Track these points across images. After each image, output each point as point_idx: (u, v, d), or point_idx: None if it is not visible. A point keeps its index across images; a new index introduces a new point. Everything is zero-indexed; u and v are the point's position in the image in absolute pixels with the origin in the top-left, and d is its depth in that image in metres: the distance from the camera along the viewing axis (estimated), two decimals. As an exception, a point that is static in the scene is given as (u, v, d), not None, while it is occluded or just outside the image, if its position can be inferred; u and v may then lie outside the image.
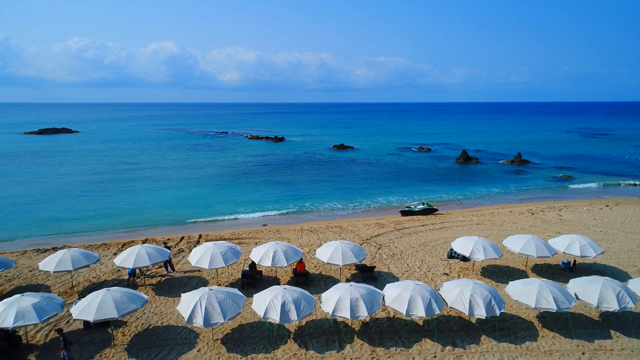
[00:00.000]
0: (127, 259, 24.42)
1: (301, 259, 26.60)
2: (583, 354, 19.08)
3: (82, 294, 24.81)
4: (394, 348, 19.53)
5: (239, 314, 19.75)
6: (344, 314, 19.21)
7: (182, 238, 35.80)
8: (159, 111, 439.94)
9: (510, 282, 22.16)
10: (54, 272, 23.55)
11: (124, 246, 33.91)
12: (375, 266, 27.81)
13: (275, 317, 18.86)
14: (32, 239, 38.12)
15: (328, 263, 25.13)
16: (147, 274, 27.57)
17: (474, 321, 21.72)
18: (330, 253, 25.38)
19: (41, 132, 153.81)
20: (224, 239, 35.17)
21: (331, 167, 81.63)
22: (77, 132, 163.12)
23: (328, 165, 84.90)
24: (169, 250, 26.80)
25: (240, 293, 20.73)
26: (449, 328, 21.14)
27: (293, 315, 19.00)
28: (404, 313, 19.30)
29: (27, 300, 18.73)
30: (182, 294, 20.68)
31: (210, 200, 53.14)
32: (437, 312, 19.49)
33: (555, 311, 19.70)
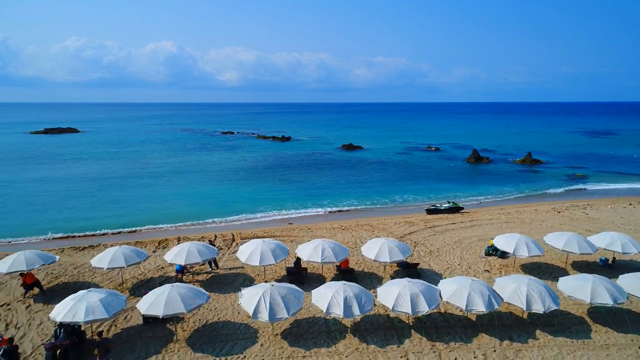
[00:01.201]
0: (178, 255, 24.69)
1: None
2: (639, 348, 19.45)
3: (132, 290, 25.10)
4: (453, 342, 19.86)
5: (301, 309, 20.05)
6: (405, 309, 19.49)
7: (216, 237, 36.05)
8: (160, 111, 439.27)
9: (561, 279, 22.53)
10: (108, 268, 23.78)
11: (159, 244, 34.17)
12: (418, 263, 28.14)
13: (338, 313, 19.17)
14: (66, 237, 38.33)
15: (375, 260, 25.43)
16: (191, 270, 27.82)
17: (525, 317, 22.06)
18: (377, 250, 25.70)
19: (47, 131, 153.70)
20: (258, 237, 35.44)
21: (344, 167, 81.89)
22: (81, 131, 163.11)
23: (340, 164, 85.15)
24: (216, 248, 27.07)
25: (299, 289, 21.02)
26: (502, 323, 21.47)
27: (356, 310, 19.31)
28: (464, 308, 19.62)
29: (94, 296, 19.00)
30: (243, 290, 20.96)
31: (229, 199, 53.36)
32: (496, 307, 19.83)
33: (610, 306, 20.06)
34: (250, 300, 19.63)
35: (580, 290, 20.84)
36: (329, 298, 19.64)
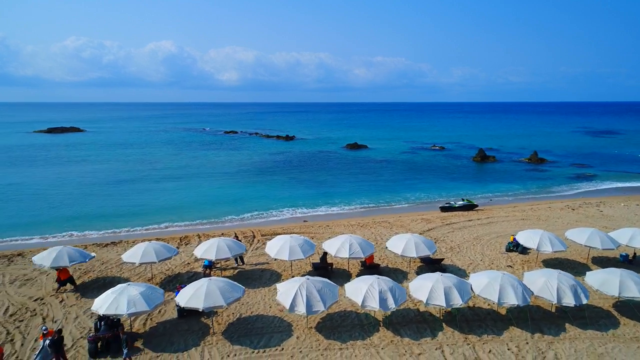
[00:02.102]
0: (208, 250, 25.02)
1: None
2: (670, 340, 19.82)
3: (162, 286, 25.40)
4: (485, 335, 20.20)
5: (336, 302, 20.39)
6: (439, 302, 19.83)
7: (236, 234, 36.32)
8: (161, 111, 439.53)
9: (589, 273, 22.93)
10: (140, 263, 24.07)
11: (181, 240, 34.49)
12: (443, 258, 28.51)
13: (374, 305, 19.51)
14: (86, 234, 38.69)
15: (402, 255, 25.77)
16: (217, 266, 28.13)
17: (553, 310, 22.42)
18: (404, 246, 26.04)
19: (50, 130, 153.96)
20: (277, 234, 35.80)
21: (351, 165, 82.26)
22: (84, 130, 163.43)
23: (347, 163, 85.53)
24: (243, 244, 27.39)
25: (333, 283, 21.35)
26: (531, 316, 21.81)
27: (391, 304, 19.65)
28: (496, 301, 19.96)
29: (134, 289, 19.31)
30: (278, 285, 21.33)
31: (241, 197, 53.58)
32: (528, 300, 20.16)
33: (639, 299, 20.44)
34: (286, 294, 19.96)
35: (609, 284, 21.21)
36: (364, 291, 19.97)
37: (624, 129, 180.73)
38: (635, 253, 29.26)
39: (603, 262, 29.06)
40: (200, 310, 18.99)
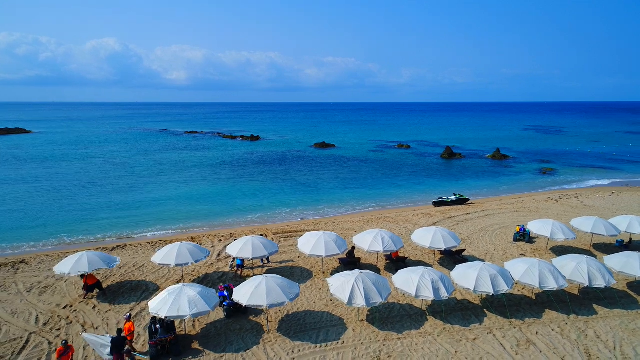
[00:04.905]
0: (243, 249, 24.68)
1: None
2: (686, 314, 21.91)
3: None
4: (527, 318, 21.43)
5: (390, 294, 20.88)
6: (487, 289, 20.81)
7: (231, 234, 35.83)
8: (111, 111, 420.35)
9: (606, 257, 24.82)
10: (176, 265, 23.37)
11: (193, 240, 33.60)
12: (465, 249, 29.69)
13: (428, 295, 20.16)
14: (83, 239, 36.79)
15: (430, 247, 26.63)
16: (245, 266, 27.78)
17: (576, 293, 24.09)
18: (431, 238, 26.91)
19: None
20: (287, 232, 35.79)
21: (326, 165, 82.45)
22: (32, 132, 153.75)
23: (321, 163, 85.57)
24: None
25: (381, 275, 21.80)
26: (560, 299, 23.33)
27: (443, 293, 20.39)
28: (538, 286, 21.22)
29: (191, 290, 18.85)
30: (328, 280, 21.50)
31: (224, 199, 51.93)
32: (564, 284, 21.56)
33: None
34: (342, 288, 20.19)
35: (630, 265, 23.10)
36: (417, 282, 20.58)
37: (568, 126, 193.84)
38: (631, 238, 31.86)
39: (603, 247, 31.43)
40: (266, 307, 18.78)
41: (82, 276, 23.26)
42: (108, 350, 16.90)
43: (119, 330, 17.45)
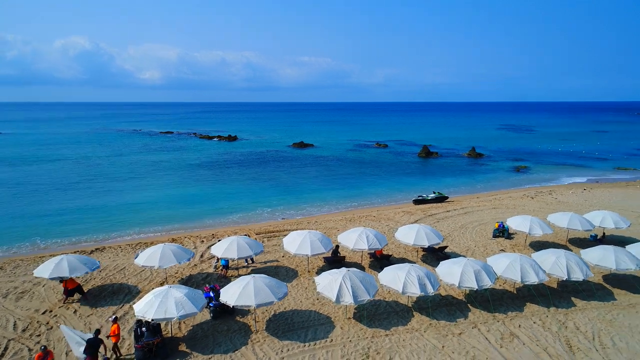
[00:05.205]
0: (228, 249, 24.45)
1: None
2: (658, 304, 22.85)
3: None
4: (510, 312, 21.96)
5: (377, 291, 21.03)
6: (471, 284, 21.22)
7: (214, 235, 35.47)
8: (82, 111, 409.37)
9: (582, 251, 25.66)
10: (160, 267, 22.94)
11: (173, 242, 33.05)
12: (447, 246, 30.17)
13: (415, 291, 20.42)
14: (57, 242, 35.74)
15: (414, 245, 26.95)
16: (230, 266, 27.52)
17: (555, 286, 24.83)
18: (415, 236, 27.22)
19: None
20: (270, 232, 35.64)
21: (305, 164, 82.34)
22: (0, 133, 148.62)
23: (300, 162, 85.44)
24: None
25: (368, 273, 21.96)
26: (542, 293, 24.00)
27: (430, 288, 20.69)
28: (519, 281, 21.78)
29: (177, 292, 18.55)
30: (315, 278, 21.52)
31: (203, 200, 51.20)
32: (544, 278, 22.18)
33: (634, 270, 23.36)
34: (329, 286, 20.24)
35: (606, 259, 23.94)
36: (404, 279, 20.80)
37: (538, 125, 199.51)
38: (604, 233, 33.00)
39: (579, 242, 32.46)
40: (254, 307, 18.65)
41: (61, 280, 22.53)
42: (82, 348, 16.48)
43: (97, 331, 17.04)
